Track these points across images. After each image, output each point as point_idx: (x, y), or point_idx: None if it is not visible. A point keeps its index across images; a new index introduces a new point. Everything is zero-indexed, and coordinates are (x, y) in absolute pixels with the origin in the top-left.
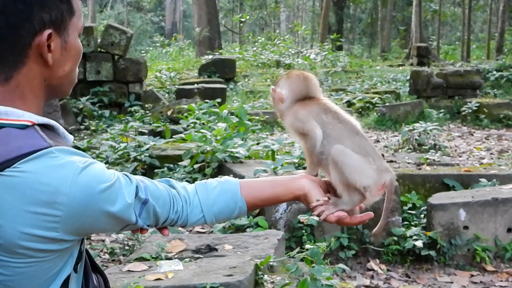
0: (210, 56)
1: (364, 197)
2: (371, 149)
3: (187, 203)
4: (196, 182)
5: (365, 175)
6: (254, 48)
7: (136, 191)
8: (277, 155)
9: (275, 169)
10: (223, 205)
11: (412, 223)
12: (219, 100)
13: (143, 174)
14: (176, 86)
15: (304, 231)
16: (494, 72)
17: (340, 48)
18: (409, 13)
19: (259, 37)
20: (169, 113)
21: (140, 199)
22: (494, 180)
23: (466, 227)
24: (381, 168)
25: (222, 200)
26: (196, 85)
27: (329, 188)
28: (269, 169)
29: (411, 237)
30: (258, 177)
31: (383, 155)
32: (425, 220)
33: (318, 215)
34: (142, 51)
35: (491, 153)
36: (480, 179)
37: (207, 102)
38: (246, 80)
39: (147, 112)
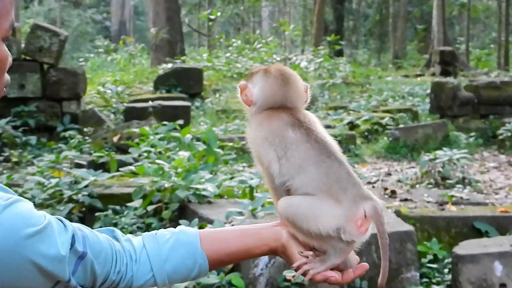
0: (170, 65)
1: (348, 242)
2: (344, 175)
3: (132, 260)
4: (143, 233)
5: (326, 217)
6: (228, 54)
7: (72, 241)
8: (256, 192)
9: (253, 211)
10: (178, 262)
11: (434, 280)
12: (181, 121)
13: (81, 220)
14: (125, 104)
15: None
16: None
17: (340, 53)
18: (429, 8)
19: (234, 40)
20: (115, 139)
21: (76, 252)
22: None
23: (503, 285)
24: (356, 197)
25: (177, 256)
26: (151, 103)
27: None
28: (246, 211)
29: None
30: (231, 221)
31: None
32: (450, 276)
33: (303, 275)
34: (81, 59)
35: None
36: None
37: (165, 125)
38: (217, 95)
39: (86, 138)
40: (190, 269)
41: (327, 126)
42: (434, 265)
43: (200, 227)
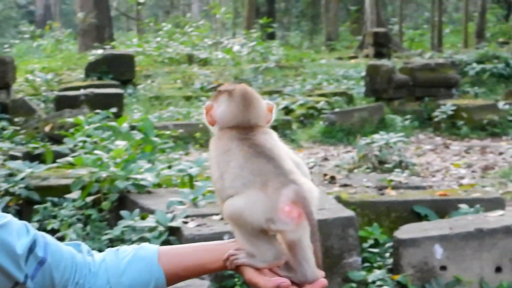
0: (100, 51)
1: (275, 234)
2: (270, 168)
3: (91, 272)
4: (107, 249)
5: (254, 211)
6: (158, 39)
7: (32, 246)
8: (196, 181)
9: (194, 200)
10: (135, 276)
11: (375, 265)
12: (114, 109)
13: (18, 212)
14: (55, 92)
15: (236, 280)
16: (474, 65)
17: (272, 36)
18: None
19: (163, 24)
20: (47, 129)
21: (36, 257)
22: (478, 205)
23: (443, 268)
24: (279, 185)
25: (133, 270)
26: (82, 90)
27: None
28: (187, 200)
29: (374, 282)
30: (173, 211)
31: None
32: (391, 260)
33: (227, 259)
34: (5, 46)
35: (473, 171)
36: (460, 205)
37: (98, 113)
38: (149, 82)
39: (17, 128)
40: (146, 283)
41: None
42: (376, 250)
43: (142, 218)
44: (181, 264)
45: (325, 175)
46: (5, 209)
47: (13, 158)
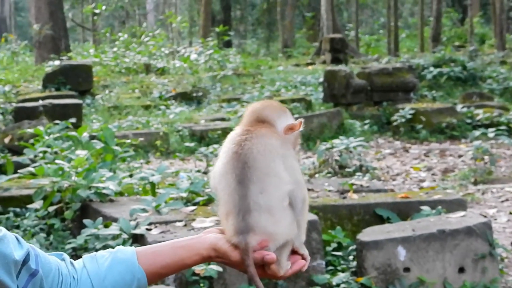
0: (57, 62)
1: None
2: (235, 198)
3: (75, 280)
4: (83, 256)
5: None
6: (115, 49)
7: (26, 259)
8: (158, 188)
9: (157, 207)
10: (117, 278)
11: (339, 268)
12: (73, 120)
13: None
14: (13, 104)
15: (201, 285)
16: (431, 69)
17: (229, 44)
18: None
19: (120, 34)
20: (6, 140)
21: (29, 269)
22: (439, 207)
23: (407, 269)
24: (232, 227)
25: (115, 272)
26: (41, 102)
27: None
28: (149, 208)
29: (338, 285)
30: (136, 218)
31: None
32: (355, 262)
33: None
34: None
35: (433, 174)
36: (422, 207)
37: (57, 124)
38: (107, 92)
39: None
40: (129, 284)
41: (222, 119)
42: (339, 253)
43: (105, 226)
44: (161, 262)
45: None
46: None
47: None
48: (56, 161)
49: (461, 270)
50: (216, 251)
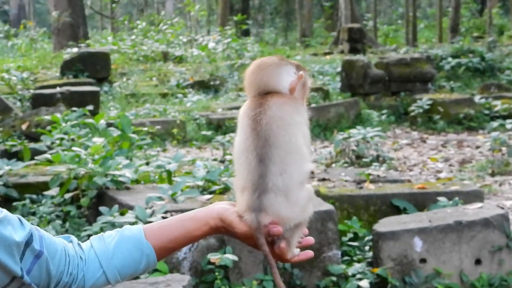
0: (75, 49)
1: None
2: (255, 176)
3: (82, 260)
4: (91, 237)
5: (238, 201)
6: (133, 37)
7: (29, 240)
8: (174, 177)
9: (173, 196)
10: (126, 256)
11: (355, 258)
12: (90, 107)
13: None
14: (31, 90)
15: (216, 274)
16: (450, 59)
17: (247, 33)
18: None
19: (138, 22)
20: (24, 127)
21: (33, 250)
22: (456, 198)
23: (423, 260)
24: (245, 203)
25: (123, 250)
26: (58, 89)
27: None
28: (165, 196)
29: (354, 276)
30: (152, 206)
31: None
32: (371, 253)
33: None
34: None
35: (450, 165)
36: (439, 198)
37: (75, 111)
38: (125, 79)
39: None
40: (138, 261)
41: (239, 108)
42: (355, 243)
43: (121, 214)
44: (169, 236)
45: None
46: None
47: None
48: (73, 148)
49: (478, 262)
50: (223, 221)
